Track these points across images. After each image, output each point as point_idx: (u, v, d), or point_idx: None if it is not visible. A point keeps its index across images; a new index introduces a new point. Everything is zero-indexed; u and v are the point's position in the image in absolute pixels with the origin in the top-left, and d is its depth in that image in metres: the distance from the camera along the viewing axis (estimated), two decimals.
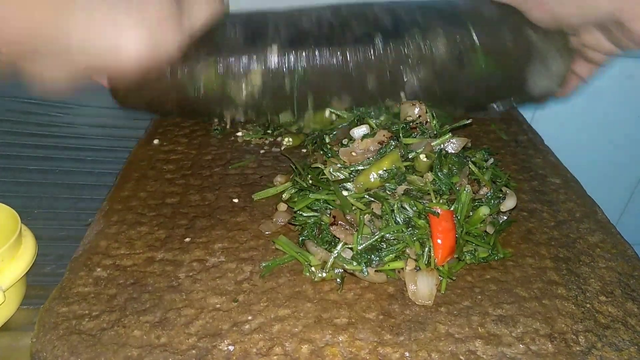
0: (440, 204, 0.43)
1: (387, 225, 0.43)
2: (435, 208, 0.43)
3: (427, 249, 0.42)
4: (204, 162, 0.58)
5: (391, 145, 0.47)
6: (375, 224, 0.44)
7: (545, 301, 0.42)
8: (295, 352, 0.36)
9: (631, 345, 0.38)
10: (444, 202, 0.44)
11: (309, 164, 0.51)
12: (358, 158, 0.47)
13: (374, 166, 0.45)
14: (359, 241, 0.42)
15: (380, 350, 0.37)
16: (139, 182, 0.54)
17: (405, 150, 0.47)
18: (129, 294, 0.40)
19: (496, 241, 0.46)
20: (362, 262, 0.42)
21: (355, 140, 0.49)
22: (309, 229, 0.45)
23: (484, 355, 0.37)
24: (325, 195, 0.45)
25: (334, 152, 0.49)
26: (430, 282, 0.41)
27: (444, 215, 0.42)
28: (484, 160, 0.50)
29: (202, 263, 0.44)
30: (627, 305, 0.42)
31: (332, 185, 0.45)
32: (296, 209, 0.46)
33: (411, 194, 0.44)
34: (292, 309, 0.40)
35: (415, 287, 0.41)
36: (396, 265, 0.42)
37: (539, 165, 0.60)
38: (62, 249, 0.49)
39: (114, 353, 0.36)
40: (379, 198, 0.44)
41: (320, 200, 0.46)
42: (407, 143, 0.48)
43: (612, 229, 0.51)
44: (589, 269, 0.45)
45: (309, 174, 0.49)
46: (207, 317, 0.39)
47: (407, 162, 0.46)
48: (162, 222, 0.48)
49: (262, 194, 0.52)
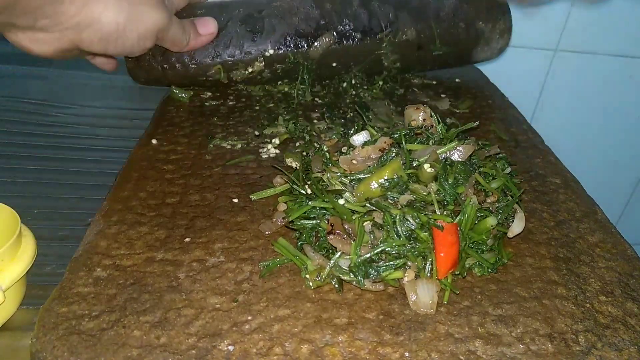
0: (444, 216, 0.42)
1: (388, 237, 0.42)
2: (440, 221, 0.41)
3: (429, 263, 0.41)
4: (203, 162, 0.58)
5: (392, 153, 0.46)
6: (376, 234, 0.42)
7: (545, 301, 0.42)
8: (295, 352, 0.36)
9: (631, 345, 0.38)
10: (449, 213, 0.42)
11: (305, 165, 0.51)
12: (359, 167, 0.47)
13: (375, 175, 0.44)
14: (357, 252, 0.41)
15: (380, 350, 0.37)
16: (139, 182, 0.54)
17: (407, 158, 0.46)
18: (129, 294, 0.40)
19: (501, 249, 0.45)
20: (359, 275, 0.41)
21: (356, 148, 0.48)
22: (307, 234, 0.45)
23: (483, 355, 0.37)
24: (323, 203, 0.44)
25: (334, 161, 0.48)
26: (431, 291, 0.40)
27: (448, 229, 0.41)
28: (502, 169, 0.49)
29: (202, 263, 0.44)
30: (627, 305, 0.42)
31: (327, 196, 0.44)
32: (291, 218, 0.45)
33: (414, 205, 0.43)
34: (292, 309, 0.40)
35: (416, 296, 0.40)
36: (395, 276, 0.41)
37: (539, 165, 0.60)
38: (62, 249, 0.49)
39: (113, 353, 0.36)
40: (381, 208, 0.43)
41: (317, 207, 0.45)
42: (410, 149, 0.47)
43: (612, 228, 0.51)
44: (589, 268, 0.45)
45: (306, 183, 0.48)
46: (207, 317, 0.39)
47: (410, 170, 0.45)
48: (162, 222, 0.48)
49: (260, 195, 0.52)
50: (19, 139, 0.66)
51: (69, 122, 0.71)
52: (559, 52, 1.03)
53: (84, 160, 0.64)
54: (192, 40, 0.65)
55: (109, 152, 0.66)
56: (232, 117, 0.68)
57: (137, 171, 0.55)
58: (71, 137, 0.68)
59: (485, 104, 0.76)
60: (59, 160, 0.63)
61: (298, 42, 0.70)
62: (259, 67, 0.70)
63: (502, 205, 0.46)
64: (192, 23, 0.65)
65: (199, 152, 0.60)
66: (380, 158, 0.47)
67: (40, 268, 0.46)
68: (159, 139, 0.61)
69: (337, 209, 0.44)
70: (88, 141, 0.68)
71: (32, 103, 0.74)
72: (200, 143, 0.61)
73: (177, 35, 0.61)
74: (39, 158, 0.64)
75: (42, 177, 0.60)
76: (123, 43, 0.52)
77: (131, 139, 0.64)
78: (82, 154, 0.65)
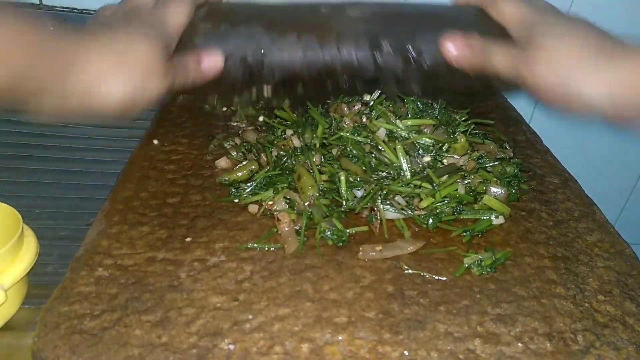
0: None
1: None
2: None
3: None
4: (204, 163, 0.58)
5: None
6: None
7: (544, 300, 0.42)
8: (295, 351, 0.37)
9: (629, 344, 0.38)
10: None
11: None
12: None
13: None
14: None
15: (380, 349, 0.37)
16: (140, 182, 0.54)
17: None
18: (130, 294, 0.41)
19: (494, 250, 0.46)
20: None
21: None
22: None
23: (482, 354, 0.37)
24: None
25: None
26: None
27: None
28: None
29: (203, 262, 0.44)
30: (625, 305, 0.42)
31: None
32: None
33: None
34: (292, 308, 0.40)
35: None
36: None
37: (538, 165, 0.61)
38: (64, 249, 0.49)
39: (115, 352, 0.36)
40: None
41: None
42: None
43: (610, 228, 0.51)
44: (588, 268, 0.46)
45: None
46: (208, 316, 0.39)
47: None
48: (163, 222, 0.48)
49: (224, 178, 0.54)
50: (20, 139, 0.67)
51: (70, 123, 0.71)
52: None
53: (86, 161, 0.64)
54: (195, 78, 0.62)
55: (111, 152, 0.66)
56: (232, 118, 0.68)
57: (138, 171, 0.56)
58: (72, 138, 0.68)
59: (484, 104, 0.76)
60: (60, 161, 0.64)
61: (297, 85, 0.61)
62: (255, 106, 0.69)
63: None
64: (196, 61, 0.60)
65: (200, 152, 0.60)
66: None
67: (42, 268, 0.47)
68: (160, 139, 0.62)
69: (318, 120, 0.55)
70: (89, 141, 0.68)
71: None
72: (201, 143, 0.62)
73: (180, 83, 0.59)
74: (40, 158, 0.64)
75: (44, 177, 0.61)
76: (128, 115, 0.52)
77: (132, 139, 0.64)
78: (84, 154, 0.65)
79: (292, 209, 0.49)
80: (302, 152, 0.54)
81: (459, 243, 0.48)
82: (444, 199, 0.49)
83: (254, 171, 0.54)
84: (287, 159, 0.53)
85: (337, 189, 0.50)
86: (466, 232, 0.48)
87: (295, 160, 0.53)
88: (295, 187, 0.50)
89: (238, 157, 0.58)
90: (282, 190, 0.50)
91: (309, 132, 0.56)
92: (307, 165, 0.52)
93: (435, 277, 0.44)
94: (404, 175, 0.50)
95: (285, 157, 0.53)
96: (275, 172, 0.53)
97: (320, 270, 0.44)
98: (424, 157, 0.51)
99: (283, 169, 0.53)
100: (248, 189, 0.52)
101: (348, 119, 0.55)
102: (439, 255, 0.46)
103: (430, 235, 0.48)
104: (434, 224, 0.49)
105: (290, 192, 0.50)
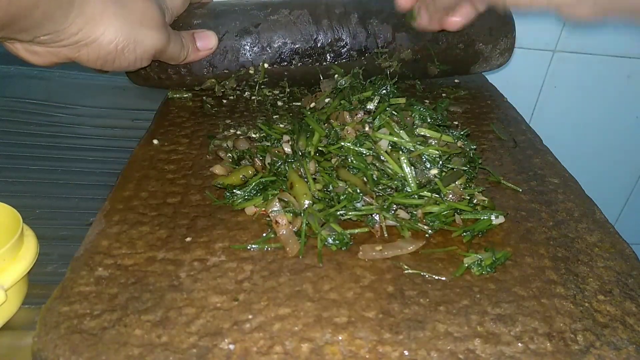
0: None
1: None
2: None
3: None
4: (204, 162, 0.58)
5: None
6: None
7: (544, 300, 0.42)
8: (295, 350, 0.37)
9: (629, 344, 0.38)
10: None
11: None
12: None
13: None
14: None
15: (380, 349, 0.37)
16: (140, 182, 0.54)
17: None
18: (130, 293, 0.41)
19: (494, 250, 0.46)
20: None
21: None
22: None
23: (482, 354, 0.37)
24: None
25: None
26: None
27: None
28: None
29: (203, 262, 0.44)
30: (625, 304, 0.42)
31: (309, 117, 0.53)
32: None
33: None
34: (292, 308, 0.40)
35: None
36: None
37: (538, 165, 0.61)
38: (64, 249, 0.50)
39: (115, 352, 0.36)
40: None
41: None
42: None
43: (610, 228, 0.51)
44: (588, 268, 0.46)
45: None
46: (208, 316, 0.39)
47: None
48: (163, 221, 0.48)
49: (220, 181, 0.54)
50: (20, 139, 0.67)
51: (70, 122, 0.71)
52: (557, 52, 1.03)
53: (86, 160, 0.64)
54: (190, 55, 0.65)
55: (110, 152, 0.66)
56: (233, 118, 0.68)
57: (138, 171, 0.56)
58: (72, 137, 0.68)
59: (484, 104, 0.76)
60: (60, 160, 0.64)
61: (293, 58, 0.70)
62: (254, 80, 0.72)
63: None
64: (191, 37, 0.64)
65: (200, 152, 0.60)
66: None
67: (42, 267, 0.47)
68: (160, 139, 0.62)
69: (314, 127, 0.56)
70: (89, 141, 0.68)
71: (33, 103, 0.74)
72: (201, 143, 0.62)
73: (175, 53, 0.61)
74: (40, 158, 0.64)
75: (44, 177, 0.61)
76: (120, 63, 0.53)
77: (132, 139, 0.64)
78: (84, 153, 0.65)
79: (288, 212, 0.48)
80: (295, 159, 0.53)
81: (459, 243, 0.48)
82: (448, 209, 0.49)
83: (248, 176, 0.53)
84: (281, 164, 0.52)
85: (332, 198, 0.49)
86: (466, 232, 0.48)
87: (289, 167, 0.52)
88: (289, 193, 0.50)
89: (230, 164, 0.57)
90: (273, 197, 0.49)
91: (303, 140, 0.55)
92: (301, 173, 0.51)
93: (435, 277, 0.44)
94: (409, 186, 0.49)
95: (279, 163, 0.53)
96: (269, 177, 0.52)
97: (320, 270, 0.44)
98: (431, 170, 0.50)
99: (277, 174, 0.52)
100: (242, 194, 0.51)
101: (350, 128, 0.53)
102: (439, 255, 0.46)
103: (430, 235, 0.49)
104: (435, 228, 0.48)
105: (285, 194, 0.49)
